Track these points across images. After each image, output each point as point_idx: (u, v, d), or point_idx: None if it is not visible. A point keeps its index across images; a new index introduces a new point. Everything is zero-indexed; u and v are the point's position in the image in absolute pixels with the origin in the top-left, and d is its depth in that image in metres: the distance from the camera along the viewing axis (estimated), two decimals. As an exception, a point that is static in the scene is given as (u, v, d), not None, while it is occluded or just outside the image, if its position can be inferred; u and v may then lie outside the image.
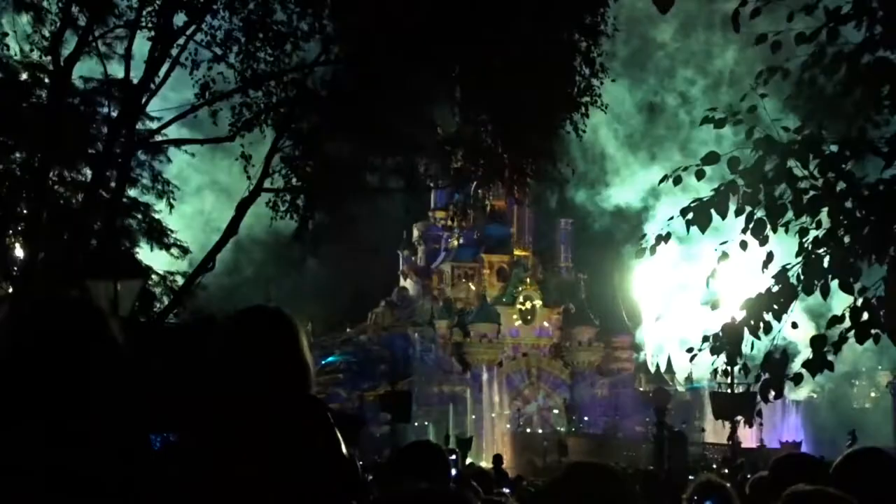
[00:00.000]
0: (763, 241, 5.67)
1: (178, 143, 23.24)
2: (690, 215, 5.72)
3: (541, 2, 19.40)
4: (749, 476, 8.41)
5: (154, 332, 20.20)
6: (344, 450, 3.71)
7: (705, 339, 5.94)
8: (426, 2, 18.97)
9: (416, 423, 68.88)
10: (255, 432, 3.56)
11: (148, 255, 24.64)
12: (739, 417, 34.42)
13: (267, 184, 21.05)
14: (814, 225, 5.66)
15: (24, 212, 19.83)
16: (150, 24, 19.71)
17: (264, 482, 3.53)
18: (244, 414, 3.59)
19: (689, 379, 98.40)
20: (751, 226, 5.66)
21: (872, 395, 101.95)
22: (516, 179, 21.18)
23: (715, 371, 6.23)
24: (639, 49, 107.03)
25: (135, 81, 19.55)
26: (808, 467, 4.60)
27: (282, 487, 3.54)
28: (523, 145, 21.00)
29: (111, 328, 3.18)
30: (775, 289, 5.67)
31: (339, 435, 3.70)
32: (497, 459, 24.52)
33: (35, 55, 21.04)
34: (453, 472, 8.03)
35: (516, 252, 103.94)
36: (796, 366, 5.64)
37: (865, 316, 5.54)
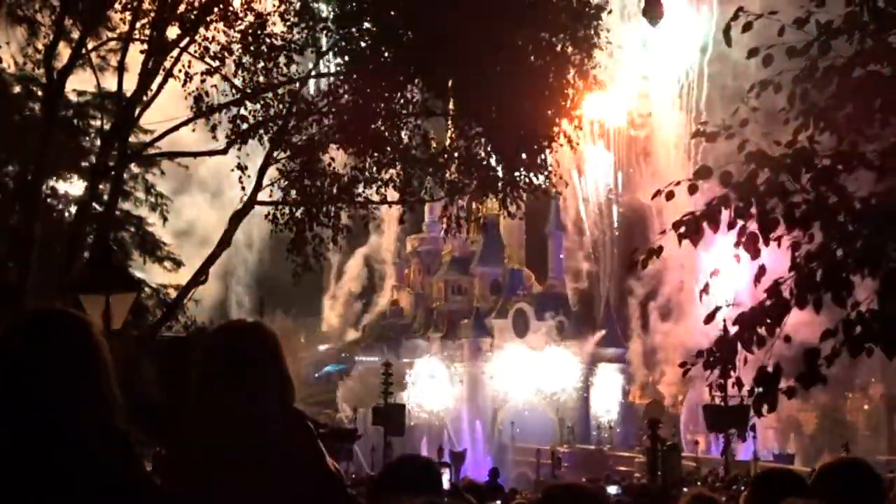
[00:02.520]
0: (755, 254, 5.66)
1: (171, 155, 23.24)
2: (682, 229, 5.71)
3: (535, 15, 19.43)
4: (743, 489, 8.42)
5: (146, 345, 20.16)
6: (329, 462, 3.68)
7: (699, 353, 5.92)
8: (421, 15, 19.00)
9: (410, 436, 68.72)
10: (239, 447, 3.54)
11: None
12: (733, 430, 34.47)
13: (265, 197, 21.01)
14: (806, 239, 5.66)
15: (17, 225, 19.82)
16: (143, 37, 19.72)
17: (250, 496, 3.51)
18: (228, 428, 3.56)
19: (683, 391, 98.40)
20: (743, 240, 5.65)
21: (865, 407, 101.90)
22: (510, 192, 21.17)
23: (710, 385, 6.22)
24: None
25: (128, 94, 19.56)
26: (787, 482, 4.63)
27: (267, 501, 3.52)
28: (517, 158, 20.99)
29: (97, 340, 3.16)
30: (768, 303, 5.66)
31: (322, 448, 3.67)
32: (492, 472, 24.57)
33: (28, 68, 21.05)
34: (447, 485, 7.99)
35: (509, 265, 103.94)
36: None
37: (859, 329, 5.53)
